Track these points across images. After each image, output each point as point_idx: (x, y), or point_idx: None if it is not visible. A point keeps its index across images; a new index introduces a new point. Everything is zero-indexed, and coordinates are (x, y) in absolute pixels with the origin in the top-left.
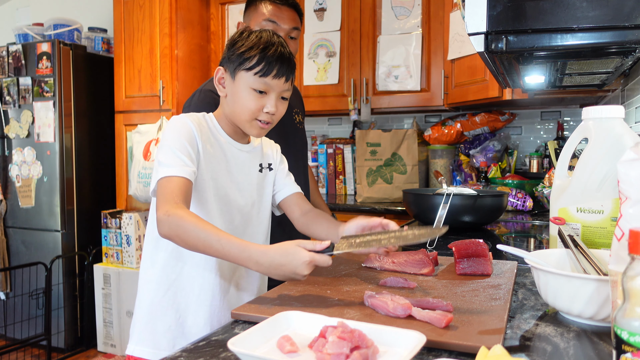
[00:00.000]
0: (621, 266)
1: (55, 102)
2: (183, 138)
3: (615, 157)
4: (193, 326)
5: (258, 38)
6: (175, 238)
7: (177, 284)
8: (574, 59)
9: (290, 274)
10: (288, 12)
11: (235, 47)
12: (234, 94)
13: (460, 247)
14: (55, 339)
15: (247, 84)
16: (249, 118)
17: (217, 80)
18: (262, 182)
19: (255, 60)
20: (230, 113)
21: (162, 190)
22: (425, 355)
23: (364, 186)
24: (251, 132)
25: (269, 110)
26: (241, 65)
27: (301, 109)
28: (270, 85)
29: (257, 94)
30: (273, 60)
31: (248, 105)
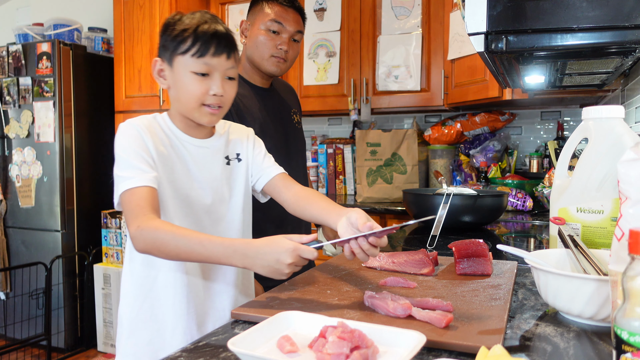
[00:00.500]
0: (621, 266)
1: (55, 102)
2: (134, 146)
3: (615, 157)
4: (173, 337)
5: (190, 19)
6: (154, 251)
7: (152, 295)
8: (574, 59)
9: (274, 263)
10: (294, 14)
11: (167, 33)
12: (176, 83)
13: (460, 247)
14: (55, 339)
15: (187, 68)
16: (195, 105)
17: (157, 72)
18: (231, 175)
19: (190, 41)
20: (177, 104)
21: (127, 205)
22: (425, 355)
23: (364, 186)
24: (202, 120)
25: (215, 92)
26: (176, 49)
27: (299, 110)
28: (212, 65)
29: (199, 77)
30: (208, 38)
31: (192, 91)
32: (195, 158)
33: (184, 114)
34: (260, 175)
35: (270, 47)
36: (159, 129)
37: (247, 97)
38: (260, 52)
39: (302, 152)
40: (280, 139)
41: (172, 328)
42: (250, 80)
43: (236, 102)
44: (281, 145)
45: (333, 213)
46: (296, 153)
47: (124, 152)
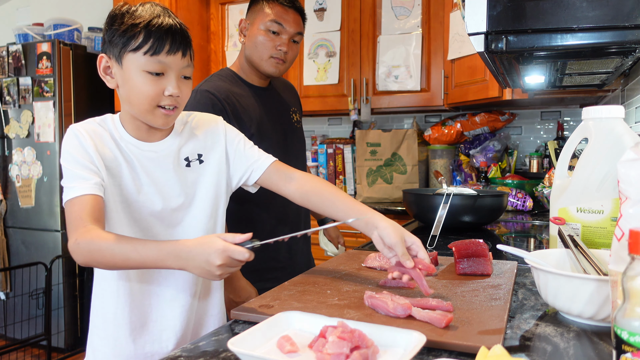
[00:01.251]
0: (621, 266)
1: (55, 102)
2: (75, 154)
3: (615, 157)
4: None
5: (136, 12)
6: (93, 263)
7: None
8: (574, 59)
9: (205, 264)
10: (294, 15)
11: (114, 27)
12: (126, 82)
13: (460, 247)
14: (55, 339)
15: (139, 66)
16: (149, 107)
17: (102, 70)
18: (191, 179)
19: (142, 37)
20: (128, 106)
21: (68, 216)
22: (425, 355)
23: (364, 186)
24: (155, 123)
25: (171, 93)
26: (126, 46)
27: (299, 108)
28: (166, 64)
29: (153, 76)
30: (162, 34)
31: (145, 92)
32: (142, 162)
33: (136, 115)
34: (252, 170)
35: (269, 47)
36: (106, 132)
37: (244, 96)
38: (260, 53)
39: (302, 152)
40: (278, 139)
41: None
42: (248, 80)
43: (232, 101)
44: (279, 145)
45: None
46: (295, 153)
47: (66, 162)
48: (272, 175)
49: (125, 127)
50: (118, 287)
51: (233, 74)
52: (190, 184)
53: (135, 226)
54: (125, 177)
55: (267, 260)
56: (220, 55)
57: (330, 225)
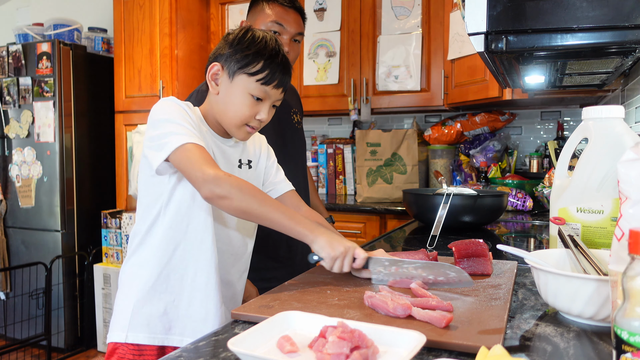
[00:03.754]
0: (621, 266)
1: (55, 102)
2: (183, 114)
3: (615, 157)
4: (188, 308)
5: (264, 42)
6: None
7: (170, 267)
8: (574, 59)
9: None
10: (294, 15)
11: (238, 47)
12: (229, 95)
13: (460, 247)
14: (55, 339)
15: (246, 89)
16: (240, 123)
17: (211, 76)
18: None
19: (260, 66)
20: (219, 113)
21: (191, 155)
22: (425, 355)
23: (364, 186)
24: (237, 136)
25: (261, 118)
26: (244, 68)
27: (299, 109)
28: (269, 94)
29: (254, 100)
30: (277, 70)
31: (242, 111)
32: (219, 153)
33: (222, 122)
34: (272, 189)
35: None
36: (195, 116)
37: None
38: None
39: (302, 153)
40: (277, 140)
41: (188, 300)
42: None
43: None
44: (278, 146)
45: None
46: (295, 154)
47: (171, 116)
48: (284, 201)
49: (207, 120)
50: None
51: None
52: None
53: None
54: None
55: (267, 260)
56: None
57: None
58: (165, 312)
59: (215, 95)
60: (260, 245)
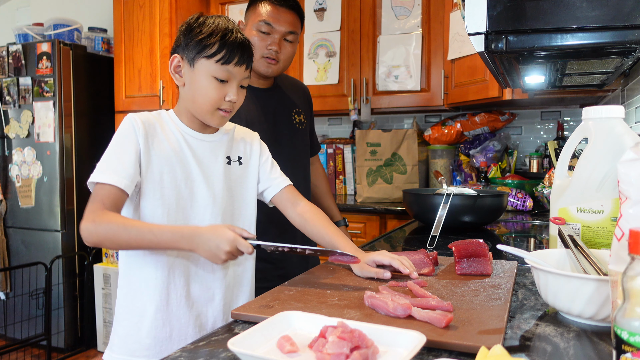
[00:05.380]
0: (621, 266)
1: (55, 102)
2: (124, 141)
3: (615, 157)
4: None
5: (215, 25)
6: (105, 242)
7: (134, 287)
8: (574, 59)
9: (215, 249)
10: (286, 14)
11: (192, 34)
12: (194, 83)
13: (460, 247)
14: (55, 339)
15: (208, 72)
16: (210, 108)
17: (173, 68)
18: (231, 176)
19: (216, 47)
20: (190, 103)
21: (94, 197)
22: (425, 355)
23: (364, 186)
24: (212, 122)
25: (231, 99)
26: (201, 52)
27: (305, 108)
28: (232, 73)
29: (218, 82)
30: (235, 48)
31: (209, 95)
32: (195, 152)
33: (195, 113)
34: (269, 186)
35: (260, 47)
36: (161, 123)
37: None
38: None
39: (302, 153)
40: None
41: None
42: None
43: None
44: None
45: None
46: (294, 155)
47: (114, 145)
48: (283, 197)
49: (182, 120)
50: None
51: None
52: (231, 180)
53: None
54: (183, 166)
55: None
56: None
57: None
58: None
59: (182, 88)
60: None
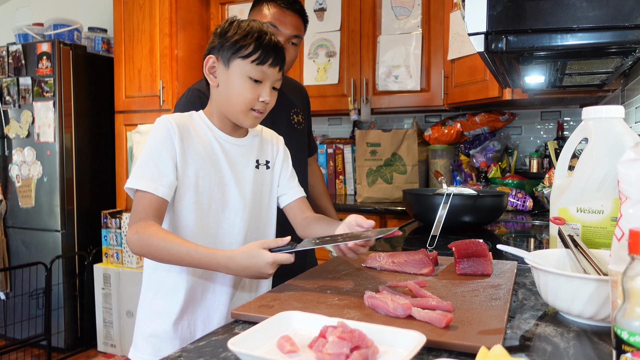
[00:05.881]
0: (621, 266)
1: (55, 102)
2: (161, 147)
3: (615, 157)
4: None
5: (250, 27)
6: (147, 255)
7: (165, 287)
8: (574, 59)
9: (257, 274)
10: (292, 17)
11: (228, 35)
12: (229, 83)
13: (460, 247)
14: (55, 339)
15: (244, 72)
16: (244, 108)
17: (208, 69)
18: (260, 180)
19: (252, 47)
20: (223, 103)
21: (136, 206)
22: (425, 355)
23: (364, 186)
24: (246, 123)
25: (264, 99)
26: (237, 52)
27: (303, 109)
28: (267, 74)
29: (253, 82)
30: (269, 49)
31: (244, 94)
32: (228, 156)
33: (228, 114)
34: (286, 193)
35: None
36: (195, 126)
37: None
38: None
39: (300, 153)
40: None
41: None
42: None
43: None
44: None
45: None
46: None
47: (151, 149)
48: (295, 206)
49: (213, 122)
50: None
51: None
52: (259, 184)
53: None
54: (216, 169)
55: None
56: None
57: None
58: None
59: (216, 89)
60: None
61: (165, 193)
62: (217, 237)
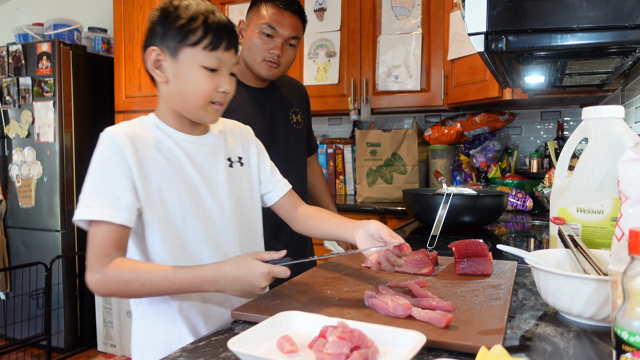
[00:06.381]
0: (621, 266)
1: (55, 102)
2: (111, 167)
3: (615, 157)
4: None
5: (194, 6)
6: (118, 294)
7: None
8: (574, 59)
9: (248, 287)
10: (290, 18)
11: (169, 21)
12: (180, 77)
13: (460, 247)
14: (55, 339)
15: (196, 61)
16: (203, 102)
17: (152, 63)
18: (235, 179)
19: (201, 32)
20: (177, 101)
21: (92, 241)
22: (425, 355)
23: (364, 186)
24: (207, 119)
25: (225, 89)
26: (184, 40)
27: (302, 108)
28: (222, 60)
29: (208, 72)
30: (221, 30)
31: (200, 87)
32: (193, 158)
33: (184, 111)
34: (271, 190)
35: (262, 50)
36: (146, 133)
37: (234, 97)
38: (253, 55)
39: (298, 153)
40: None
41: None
42: (244, 81)
43: None
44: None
45: (348, 227)
46: (290, 155)
47: (99, 170)
48: (285, 202)
49: (168, 123)
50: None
51: None
52: (235, 183)
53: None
54: (172, 179)
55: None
56: None
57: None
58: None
59: (166, 86)
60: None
61: (126, 218)
62: (202, 255)
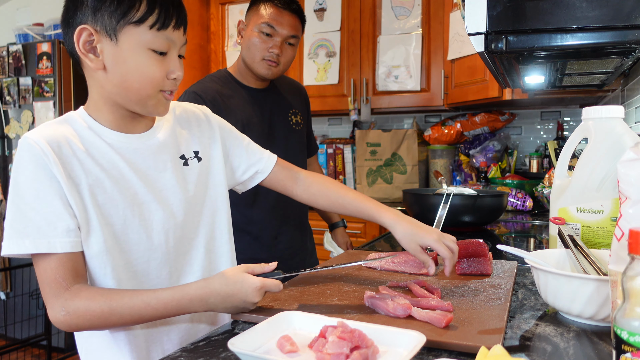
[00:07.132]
0: (621, 266)
1: (55, 102)
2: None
3: (615, 157)
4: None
5: None
6: (91, 328)
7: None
8: (574, 59)
9: (240, 304)
10: (289, 17)
11: None
12: (121, 62)
13: (460, 247)
14: (55, 339)
15: (142, 43)
16: (152, 91)
17: (82, 47)
18: (192, 181)
19: (145, 6)
20: (117, 91)
21: (41, 276)
22: (425, 355)
23: (364, 186)
24: (156, 111)
25: (176, 76)
26: (125, 17)
27: (302, 109)
28: (173, 41)
29: (157, 55)
30: (168, 5)
31: (150, 74)
32: (134, 163)
33: (127, 103)
34: (256, 171)
35: (261, 49)
36: (73, 135)
37: (233, 97)
38: (252, 55)
39: (297, 154)
40: (265, 140)
41: None
42: (244, 81)
43: (218, 102)
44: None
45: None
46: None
47: (23, 192)
48: (278, 175)
49: (100, 120)
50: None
51: (227, 75)
52: (194, 185)
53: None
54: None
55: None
56: (220, 56)
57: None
58: None
59: (102, 73)
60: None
61: (68, 244)
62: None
